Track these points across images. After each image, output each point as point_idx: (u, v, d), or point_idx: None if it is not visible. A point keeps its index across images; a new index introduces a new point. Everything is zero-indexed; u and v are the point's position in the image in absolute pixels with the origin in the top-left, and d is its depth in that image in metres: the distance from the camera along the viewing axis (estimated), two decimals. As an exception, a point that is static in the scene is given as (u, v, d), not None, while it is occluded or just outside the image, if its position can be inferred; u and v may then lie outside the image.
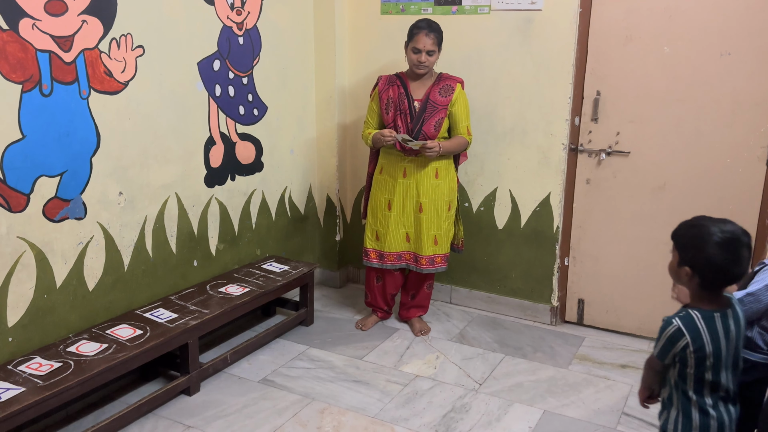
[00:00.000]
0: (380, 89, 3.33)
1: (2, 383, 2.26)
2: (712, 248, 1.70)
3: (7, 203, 2.39)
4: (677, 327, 1.75)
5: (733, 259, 1.70)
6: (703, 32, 3.08)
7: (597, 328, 3.65)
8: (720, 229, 1.72)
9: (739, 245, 1.70)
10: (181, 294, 3.10)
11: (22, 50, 2.36)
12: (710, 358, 1.74)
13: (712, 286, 1.76)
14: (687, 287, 1.81)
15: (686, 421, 1.79)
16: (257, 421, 2.71)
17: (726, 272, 1.71)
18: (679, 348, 1.75)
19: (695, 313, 1.75)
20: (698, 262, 1.74)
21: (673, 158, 3.27)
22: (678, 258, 1.82)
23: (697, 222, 1.79)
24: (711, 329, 1.74)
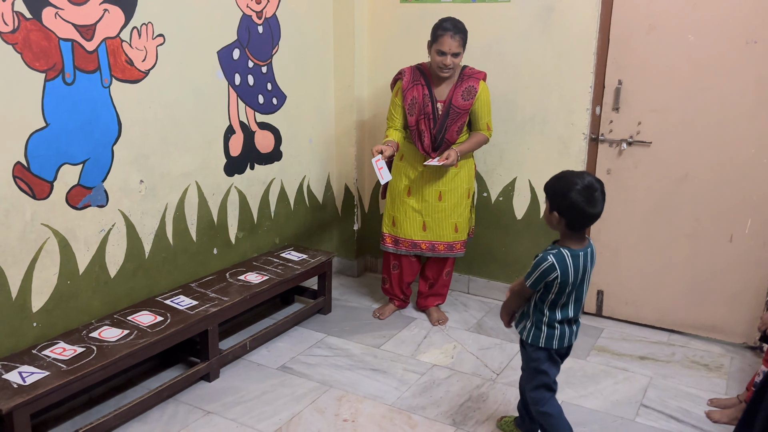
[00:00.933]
0: (404, 86, 3.27)
1: (27, 367, 2.31)
2: (573, 194, 2.06)
3: (32, 190, 2.42)
4: (551, 263, 2.11)
5: (590, 201, 2.06)
6: (728, 20, 3.03)
7: (616, 319, 3.63)
8: (579, 180, 2.08)
9: (593, 190, 2.07)
10: (201, 281, 3.14)
11: (46, 39, 2.38)
12: (569, 287, 2.14)
13: (576, 227, 2.12)
14: (557, 229, 2.16)
15: (537, 332, 2.25)
16: (276, 407, 2.73)
17: (585, 213, 2.07)
18: (550, 279, 2.12)
19: (565, 252, 2.12)
20: (563, 206, 2.09)
21: (695, 148, 3.22)
22: (549, 204, 2.15)
23: (562, 175, 2.14)
24: (575, 265, 2.13)
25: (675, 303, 3.43)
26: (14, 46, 2.29)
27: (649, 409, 2.77)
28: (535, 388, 2.31)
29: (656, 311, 3.50)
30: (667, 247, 3.38)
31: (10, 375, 2.25)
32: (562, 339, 2.24)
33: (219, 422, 2.62)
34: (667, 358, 3.21)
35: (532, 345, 2.27)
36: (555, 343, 2.24)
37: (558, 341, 2.24)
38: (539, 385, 2.31)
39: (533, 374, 2.31)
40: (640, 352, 3.27)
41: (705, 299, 3.35)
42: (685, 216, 3.32)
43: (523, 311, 2.31)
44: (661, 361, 3.18)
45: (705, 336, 3.40)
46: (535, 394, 2.32)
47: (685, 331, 3.46)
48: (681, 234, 3.35)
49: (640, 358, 3.21)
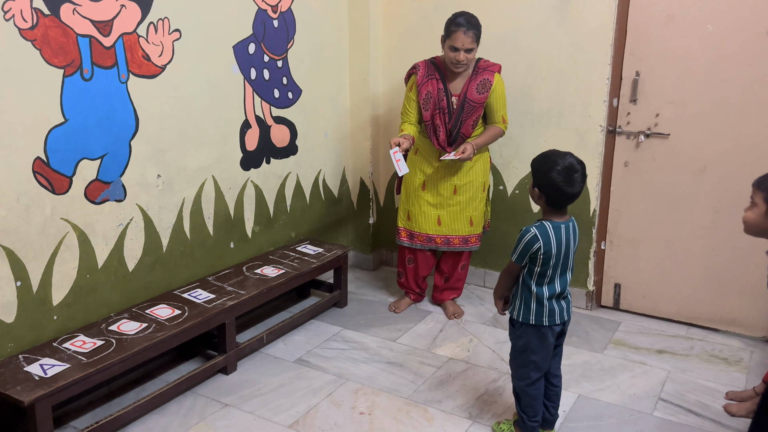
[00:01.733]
0: (419, 81, 3.25)
1: (48, 359, 2.34)
2: (553, 174, 2.15)
3: (51, 185, 2.45)
4: (534, 234, 2.20)
5: (568, 182, 2.15)
6: (747, 10, 2.98)
7: (633, 312, 3.60)
8: (561, 160, 2.17)
9: (573, 171, 2.16)
10: (218, 275, 3.16)
11: (64, 35, 2.40)
12: (553, 258, 2.21)
13: (555, 204, 2.21)
14: (539, 204, 2.25)
15: (526, 309, 2.28)
16: (293, 400, 2.75)
17: (563, 192, 2.16)
18: (534, 250, 2.19)
19: (547, 224, 2.21)
20: (543, 184, 2.19)
21: (714, 140, 3.18)
22: (533, 181, 2.25)
23: (547, 153, 2.24)
24: (557, 236, 2.21)
25: (693, 296, 3.40)
26: (33, 42, 2.31)
27: (667, 403, 2.75)
28: (522, 365, 2.36)
29: (674, 304, 3.47)
30: (685, 240, 3.35)
31: (31, 367, 2.29)
32: (552, 315, 2.28)
33: (236, 415, 2.64)
34: (685, 352, 3.19)
35: (522, 322, 2.31)
36: (545, 319, 2.28)
37: (548, 318, 2.28)
38: (526, 363, 2.35)
39: (521, 352, 2.36)
40: (658, 346, 3.24)
41: (724, 292, 3.31)
42: (703, 208, 3.28)
43: (513, 293, 2.36)
44: (680, 355, 3.16)
45: (724, 330, 3.37)
46: (521, 371, 2.37)
47: (704, 325, 3.43)
48: (699, 226, 3.31)
49: (658, 351, 3.19)
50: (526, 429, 2.42)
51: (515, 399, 2.45)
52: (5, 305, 2.37)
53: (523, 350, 2.34)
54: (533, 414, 2.40)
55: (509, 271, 2.32)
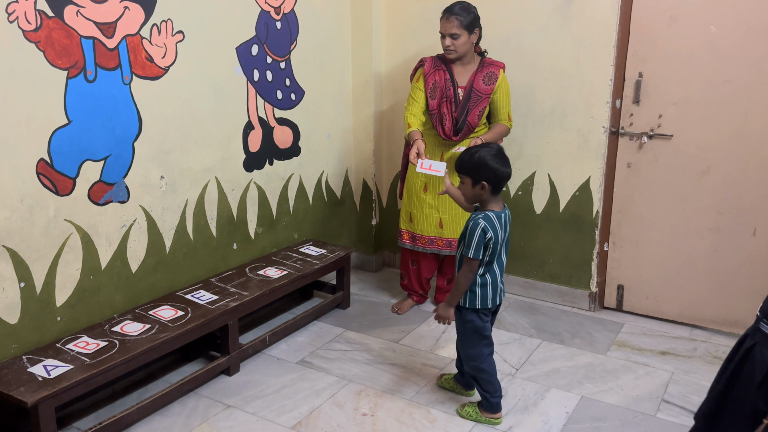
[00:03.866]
0: (426, 71, 3.27)
1: (52, 361, 2.35)
2: (492, 162, 2.38)
3: (55, 187, 2.46)
4: (484, 225, 2.38)
5: (504, 163, 2.41)
6: (751, 10, 2.98)
7: (636, 314, 3.59)
8: (490, 148, 2.42)
9: (503, 153, 2.44)
10: (221, 276, 3.16)
11: (68, 37, 2.41)
12: (498, 244, 2.42)
13: (498, 188, 2.43)
14: (482, 198, 2.44)
15: (472, 295, 2.48)
16: (295, 401, 2.75)
17: (503, 174, 2.40)
18: (486, 240, 2.38)
19: (490, 213, 2.41)
20: (490, 175, 2.38)
21: (718, 141, 3.18)
22: (472, 181, 2.42)
23: (474, 151, 2.43)
24: (500, 223, 2.42)
25: (697, 297, 3.39)
26: (37, 44, 2.32)
27: (670, 404, 2.75)
28: (474, 346, 2.55)
29: (678, 306, 3.46)
30: (688, 241, 3.35)
31: (35, 368, 2.29)
32: (494, 298, 2.50)
33: (239, 416, 2.65)
34: (688, 354, 3.18)
35: (469, 308, 2.49)
36: (489, 302, 2.49)
37: (491, 301, 2.49)
38: (477, 343, 2.54)
39: (471, 335, 2.54)
40: (661, 347, 3.24)
41: (728, 294, 3.31)
42: (707, 210, 3.28)
43: None
44: (683, 357, 3.15)
45: (727, 331, 3.36)
46: (474, 351, 2.55)
47: (707, 326, 3.42)
48: (703, 228, 3.31)
49: (661, 353, 3.18)
50: (491, 407, 2.58)
51: (475, 383, 2.61)
52: (9, 306, 2.38)
53: (473, 332, 2.53)
54: (494, 390, 2.57)
55: (472, 269, 2.44)
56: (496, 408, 2.58)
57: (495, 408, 2.58)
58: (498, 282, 2.50)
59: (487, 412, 2.59)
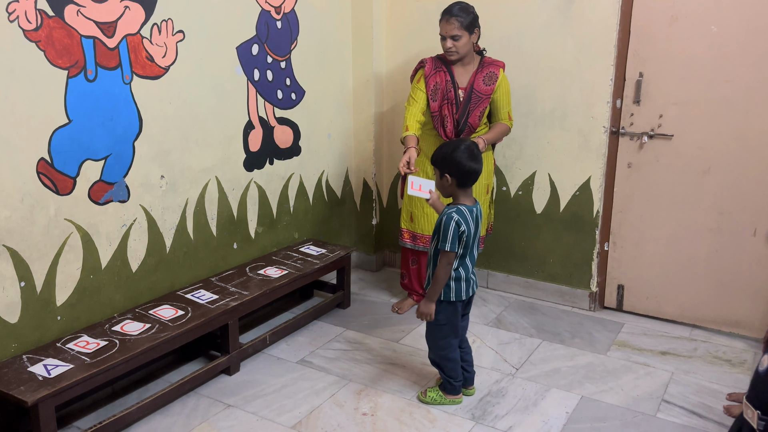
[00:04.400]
0: (427, 73, 3.27)
1: (52, 360, 2.35)
2: (458, 154, 2.44)
3: (55, 186, 2.46)
4: (458, 218, 2.44)
5: (472, 158, 2.45)
6: (751, 11, 2.98)
7: (637, 314, 3.59)
8: (460, 143, 2.48)
9: (474, 148, 2.47)
10: (221, 276, 3.16)
11: (68, 36, 2.41)
12: (471, 238, 2.49)
13: (465, 184, 2.48)
14: (450, 191, 2.51)
15: (447, 289, 2.54)
16: (295, 401, 2.75)
17: (470, 169, 2.45)
18: (460, 233, 2.44)
19: (463, 207, 2.48)
20: (452, 167, 2.45)
21: (718, 141, 3.18)
22: (439, 173, 2.50)
23: (444, 144, 2.55)
24: (472, 217, 2.48)
25: (697, 298, 3.39)
26: (37, 43, 2.32)
27: (670, 404, 2.75)
28: (443, 337, 2.63)
29: (678, 306, 3.46)
30: (689, 242, 3.35)
31: (35, 368, 2.29)
32: (467, 291, 2.58)
33: (239, 415, 2.65)
34: (688, 354, 3.18)
35: (444, 301, 2.56)
36: (463, 294, 2.57)
37: (465, 293, 2.58)
38: (447, 334, 2.62)
39: (441, 326, 2.61)
40: (661, 347, 3.24)
41: (728, 294, 3.31)
42: (707, 210, 3.27)
43: (429, 276, 2.60)
44: (683, 357, 3.15)
45: (728, 331, 3.36)
46: (444, 342, 2.63)
47: (708, 326, 3.42)
48: (703, 228, 3.31)
49: (661, 353, 3.18)
50: (454, 390, 2.71)
51: (439, 369, 2.71)
52: (9, 305, 2.38)
53: (444, 323, 2.60)
54: (457, 376, 2.69)
55: (449, 262, 2.49)
56: (458, 390, 2.73)
57: (457, 390, 2.72)
58: (470, 274, 2.58)
59: (450, 394, 2.72)
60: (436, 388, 2.75)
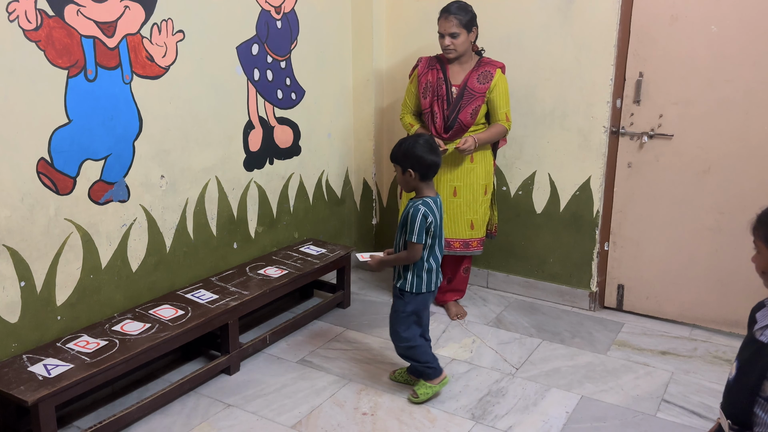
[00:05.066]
0: (420, 72, 3.31)
1: (52, 360, 2.35)
2: (419, 150, 2.50)
3: (55, 186, 2.46)
4: (424, 210, 2.51)
5: (431, 151, 2.52)
6: (751, 10, 2.98)
7: (637, 314, 3.59)
8: (417, 138, 2.55)
9: (432, 141, 2.57)
10: (221, 275, 3.16)
11: (68, 36, 2.41)
12: (436, 229, 2.56)
13: (427, 176, 2.55)
14: (413, 185, 2.57)
15: (418, 280, 2.61)
16: (295, 400, 2.75)
17: (430, 161, 2.52)
18: (428, 224, 2.51)
19: (428, 200, 2.55)
20: (414, 162, 2.51)
21: (718, 141, 3.18)
22: (401, 169, 2.56)
23: (402, 140, 2.58)
24: (436, 208, 2.56)
25: (697, 297, 3.39)
26: (38, 43, 2.32)
27: (670, 404, 2.75)
28: (408, 328, 2.67)
29: (678, 306, 3.46)
30: (689, 241, 3.35)
31: (35, 367, 2.29)
32: (436, 282, 2.65)
33: (239, 415, 2.65)
34: (688, 353, 3.18)
35: (413, 293, 2.62)
36: (433, 285, 2.64)
37: (434, 284, 2.64)
38: (412, 325, 2.67)
39: (408, 317, 2.65)
40: (661, 347, 3.24)
41: (728, 294, 3.31)
42: (708, 209, 3.27)
43: (400, 271, 2.65)
44: (683, 356, 3.15)
45: (728, 331, 3.36)
46: (408, 333, 2.67)
47: (708, 326, 3.42)
48: (704, 227, 3.31)
49: (661, 353, 3.18)
50: (436, 372, 2.72)
51: (411, 360, 2.72)
52: (9, 305, 2.38)
53: (411, 314, 2.65)
54: (433, 359, 2.72)
55: (417, 253, 2.55)
56: (439, 371, 2.74)
57: (438, 371, 2.73)
58: (438, 266, 2.65)
59: (434, 378, 2.72)
60: (421, 382, 2.75)
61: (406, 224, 2.55)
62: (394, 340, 2.74)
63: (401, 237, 2.61)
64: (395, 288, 2.69)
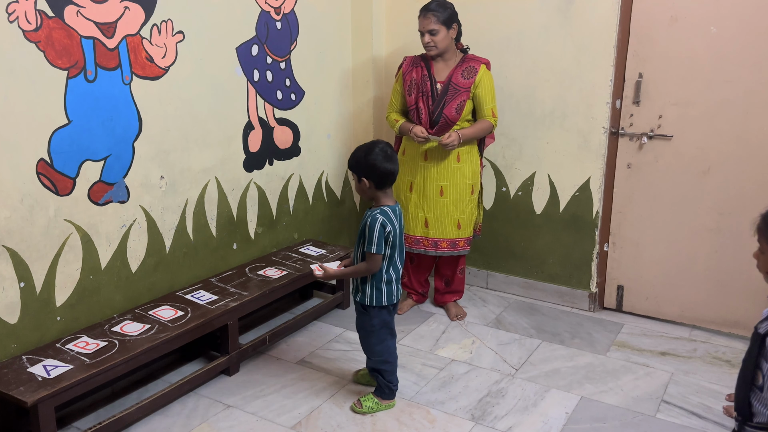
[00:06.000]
0: (404, 70, 3.33)
1: (51, 360, 2.35)
2: (372, 158, 2.45)
3: (55, 187, 2.46)
4: (382, 219, 2.45)
5: (387, 159, 2.46)
6: (751, 11, 2.98)
7: (636, 314, 3.59)
8: (374, 146, 2.48)
9: (388, 149, 2.49)
10: (221, 276, 3.16)
11: (68, 37, 2.41)
12: (395, 239, 2.50)
13: (383, 185, 2.49)
14: (370, 194, 2.52)
15: (378, 293, 2.54)
16: (295, 401, 2.75)
17: (385, 170, 2.46)
18: (386, 234, 2.45)
19: (386, 209, 2.50)
20: (368, 169, 2.46)
21: (718, 142, 3.18)
22: (357, 177, 2.51)
23: (357, 148, 2.53)
24: (395, 217, 2.51)
25: (697, 298, 3.39)
26: (37, 44, 2.32)
27: (670, 405, 2.75)
28: (380, 341, 2.62)
29: (678, 306, 3.46)
30: (689, 242, 3.35)
31: (35, 368, 2.29)
32: (397, 294, 2.60)
33: (239, 416, 2.65)
34: (688, 354, 3.18)
35: (375, 306, 2.56)
36: (394, 297, 2.59)
37: (395, 296, 2.59)
38: (384, 338, 2.63)
39: (378, 330, 2.61)
40: (661, 348, 3.24)
41: (728, 294, 3.31)
42: (707, 210, 3.28)
43: (358, 283, 2.60)
44: (683, 357, 3.15)
45: (727, 332, 3.36)
46: (381, 347, 2.63)
47: (707, 327, 3.42)
48: (703, 228, 3.31)
49: (661, 353, 3.18)
50: (392, 394, 2.70)
51: (378, 375, 2.66)
52: (9, 306, 2.38)
53: (380, 327, 2.61)
54: (396, 380, 2.69)
55: (376, 264, 2.49)
56: (394, 395, 2.72)
57: (393, 395, 2.71)
58: (396, 280, 2.60)
59: (387, 399, 2.70)
60: (371, 396, 2.70)
61: (364, 235, 2.48)
62: (367, 353, 2.70)
63: (359, 248, 2.55)
64: (356, 303, 2.64)
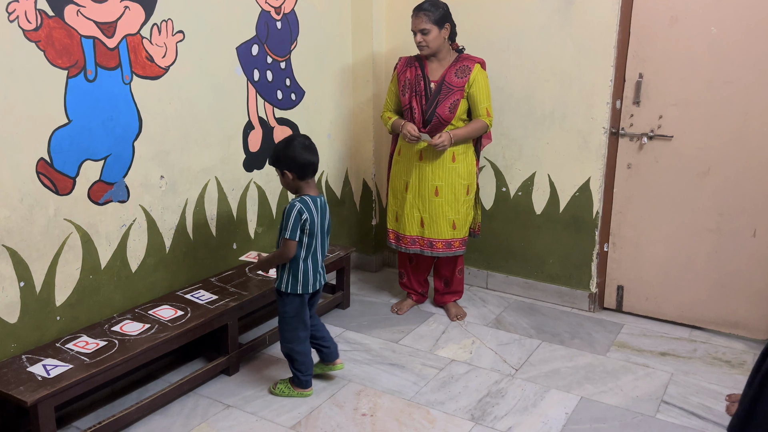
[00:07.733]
0: (399, 70, 3.33)
1: (51, 360, 2.35)
2: (292, 151, 2.53)
3: (55, 186, 2.46)
4: (300, 207, 2.52)
5: (306, 150, 2.55)
6: (751, 12, 2.98)
7: (636, 315, 3.59)
8: (292, 139, 2.57)
9: (306, 140, 2.58)
10: (220, 276, 3.16)
11: (68, 36, 2.41)
12: (315, 227, 2.57)
13: (304, 175, 2.57)
14: (294, 186, 2.60)
15: (294, 281, 2.61)
16: (295, 401, 2.75)
17: (305, 160, 2.55)
18: (302, 222, 2.52)
19: (307, 198, 2.57)
20: (289, 162, 2.54)
21: (718, 142, 3.18)
22: (281, 171, 2.58)
23: (278, 143, 2.61)
24: (316, 207, 2.57)
25: (697, 298, 3.39)
26: (37, 43, 2.32)
27: (670, 405, 2.75)
28: (293, 329, 2.68)
29: (677, 307, 3.46)
30: (689, 242, 3.35)
31: (34, 368, 2.29)
32: (314, 283, 2.65)
33: (239, 416, 2.65)
34: (688, 354, 3.18)
35: (289, 293, 2.62)
36: (310, 287, 2.64)
37: (312, 286, 2.64)
38: (297, 326, 2.68)
39: (291, 318, 2.67)
40: (660, 348, 3.24)
41: (727, 295, 3.31)
42: (707, 211, 3.28)
43: (278, 269, 2.67)
44: (683, 357, 3.15)
45: (727, 332, 3.36)
46: (291, 335, 2.69)
47: (707, 327, 3.42)
48: (703, 229, 3.31)
49: (660, 354, 3.18)
50: (302, 384, 2.76)
51: (289, 361, 2.75)
52: (9, 305, 2.38)
53: (293, 315, 2.66)
54: (306, 369, 2.74)
55: (290, 250, 2.55)
56: (306, 384, 2.77)
57: (305, 384, 2.77)
58: (318, 268, 2.67)
59: (299, 387, 2.77)
60: (285, 381, 2.80)
61: (282, 220, 2.56)
62: (280, 338, 2.76)
63: (280, 236, 2.61)
64: (276, 290, 2.71)
